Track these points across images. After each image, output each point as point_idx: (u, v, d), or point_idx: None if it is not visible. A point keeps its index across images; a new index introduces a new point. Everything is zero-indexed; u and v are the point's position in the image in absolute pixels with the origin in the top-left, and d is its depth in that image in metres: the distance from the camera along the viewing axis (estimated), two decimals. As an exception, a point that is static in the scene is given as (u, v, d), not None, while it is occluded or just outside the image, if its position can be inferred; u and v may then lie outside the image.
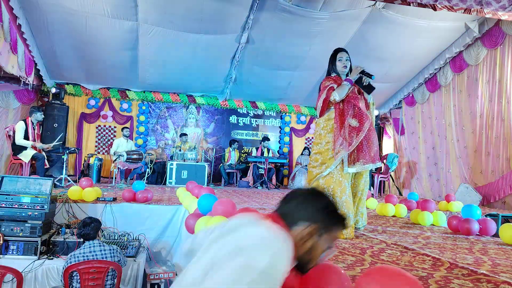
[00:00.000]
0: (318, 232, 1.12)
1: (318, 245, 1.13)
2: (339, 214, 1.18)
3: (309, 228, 1.10)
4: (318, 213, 1.13)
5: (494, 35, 6.24)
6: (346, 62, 3.00)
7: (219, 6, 5.84)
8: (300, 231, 1.10)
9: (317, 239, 1.12)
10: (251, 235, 1.03)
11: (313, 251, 1.12)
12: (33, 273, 3.31)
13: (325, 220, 1.14)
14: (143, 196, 4.41)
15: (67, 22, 6.00)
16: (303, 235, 1.10)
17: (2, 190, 3.47)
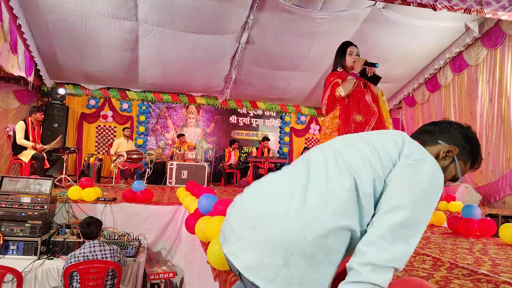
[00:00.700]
0: (457, 155, 1.16)
1: (450, 169, 1.17)
2: (480, 152, 1.20)
3: (449, 148, 1.15)
4: (463, 140, 1.17)
5: (494, 35, 6.24)
6: (357, 57, 2.84)
7: (219, 6, 5.84)
8: (440, 148, 1.16)
9: (452, 162, 1.16)
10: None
11: (445, 172, 1.14)
12: (33, 273, 3.31)
13: (467, 148, 1.17)
14: (143, 196, 4.41)
15: (67, 22, 6.00)
16: (441, 152, 1.15)
17: (2, 190, 3.47)
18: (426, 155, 1.02)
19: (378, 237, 0.90)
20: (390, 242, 0.89)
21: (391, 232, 0.90)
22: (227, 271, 1.68)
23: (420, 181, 0.96)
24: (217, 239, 1.76)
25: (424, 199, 0.95)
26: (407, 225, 0.91)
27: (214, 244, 1.72)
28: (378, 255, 0.88)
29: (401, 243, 0.89)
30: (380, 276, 0.87)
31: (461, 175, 1.18)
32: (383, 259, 0.88)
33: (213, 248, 1.70)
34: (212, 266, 1.79)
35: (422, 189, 0.95)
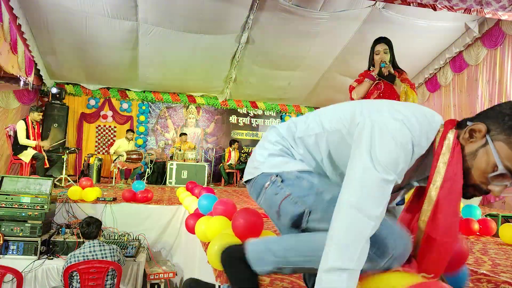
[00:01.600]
0: (490, 135, 0.91)
1: (481, 154, 0.93)
2: None
3: (473, 126, 0.93)
4: (500, 115, 0.91)
5: (494, 35, 6.24)
6: (385, 56, 2.71)
7: (219, 6, 5.84)
8: (466, 128, 0.95)
9: (484, 144, 0.92)
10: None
11: (476, 159, 0.93)
12: (33, 273, 3.31)
13: (504, 121, 0.90)
14: (143, 196, 4.41)
15: (67, 22, 6.00)
16: (464, 132, 0.96)
17: (2, 190, 3.47)
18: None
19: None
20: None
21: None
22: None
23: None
24: (217, 239, 1.76)
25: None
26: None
27: (214, 244, 1.72)
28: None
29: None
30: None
31: (500, 162, 0.89)
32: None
33: (213, 248, 1.70)
34: (213, 266, 1.79)
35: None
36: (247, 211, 1.79)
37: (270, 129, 1.25)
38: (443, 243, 0.97)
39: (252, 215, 1.77)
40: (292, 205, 1.08)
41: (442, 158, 0.96)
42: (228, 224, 2.01)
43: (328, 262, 0.88)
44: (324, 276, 0.88)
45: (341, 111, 1.11)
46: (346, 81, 7.85)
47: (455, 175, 0.95)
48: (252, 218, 1.76)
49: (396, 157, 0.92)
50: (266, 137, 1.23)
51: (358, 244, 0.87)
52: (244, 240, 1.73)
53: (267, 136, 1.24)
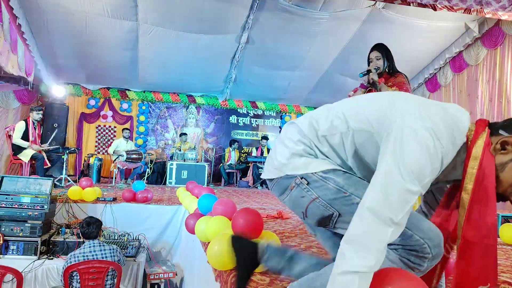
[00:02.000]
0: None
1: (510, 166, 0.95)
2: None
3: (507, 138, 0.95)
4: None
5: (494, 35, 6.24)
6: (378, 62, 2.77)
7: (219, 6, 5.84)
8: (497, 139, 0.96)
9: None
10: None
11: (504, 171, 0.95)
12: (33, 273, 3.31)
13: None
14: (143, 196, 4.41)
15: (67, 22, 6.00)
16: (495, 143, 0.96)
17: (2, 190, 3.47)
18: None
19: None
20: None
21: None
22: (228, 271, 1.68)
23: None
24: (217, 239, 1.76)
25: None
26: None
27: (214, 244, 1.72)
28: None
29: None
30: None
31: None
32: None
33: (213, 248, 1.70)
34: (213, 266, 1.79)
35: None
36: (247, 211, 1.79)
37: (289, 125, 1.21)
38: (484, 246, 0.97)
39: (252, 215, 1.77)
40: (319, 208, 1.07)
41: (472, 163, 0.96)
42: (228, 224, 2.01)
43: (343, 265, 0.87)
44: (338, 277, 0.86)
45: (368, 107, 1.06)
46: (346, 81, 7.86)
47: (489, 179, 0.95)
48: (252, 218, 1.76)
49: (424, 168, 0.90)
50: (286, 134, 1.20)
51: (374, 249, 0.86)
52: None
53: (286, 132, 1.20)
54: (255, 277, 1.58)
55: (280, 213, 3.55)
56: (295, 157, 1.12)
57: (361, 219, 0.90)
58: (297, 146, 1.13)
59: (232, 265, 1.64)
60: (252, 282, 1.51)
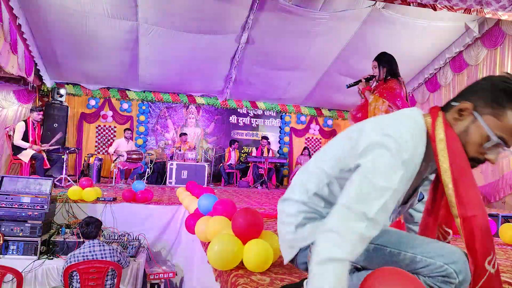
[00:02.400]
0: (478, 110, 0.99)
1: (473, 130, 1.00)
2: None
3: (460, 105, 1.00)
4: (486, 90, 0.99)
5: (494, 35, 6.24)
6: (374, 71, 3.08)
7: (219, 6, 5.84)
8: (453, 111, 1.02)
9: (473, 121, 1.00)
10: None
11: (468, 135, 1.01)
12: (33, 273, 3.31)
13: (494, 96, 0.97)
14: (143, 196, 4.41)
15: (67, 22, 6.00)
16: (452, 114, 1.02)
17: (2, 190, 3.47)
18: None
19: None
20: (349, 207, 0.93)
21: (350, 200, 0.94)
22: (228, 272, 1.68)
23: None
24: (217, 239, 1.76)
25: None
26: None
27: (214, 244, 1.72)
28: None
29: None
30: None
31: (492, 133, 0.97)
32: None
33: (213, 248, 1.70)
34: (213, 266, 1.79)
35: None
36: (247, 211, 1.79)
37: (282, 203, 1.25)
38: (481, 216, 0.99)
39: (252, 215, 1.77)
40: None
41: (440, 145, 1.01)
42: (228, 224, 2.01)
43: (318, 254, 0.89)
44: (314, 268, 0.88)
45: (334, 151, 1.13)
46: (346, 81, 7.84)
47: (458, 152, 1.00)
48: (252, 218, 1.76)
49: (392, 166, 0.94)
50: (284, 211, 1.22)
51: (348, 239, 0.88)
52: (244, 240, 1.74)
53: (283, 211, 1.23)
54: (255, 277, 1.58)
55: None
56: (301, 228, 1.15)
57: (336, 214, 0.93)
58: (298, 217, 1.16)
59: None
60: (252, 282, 1.51)
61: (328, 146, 1.19)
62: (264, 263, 1.63)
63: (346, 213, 0.91)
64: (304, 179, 1.20)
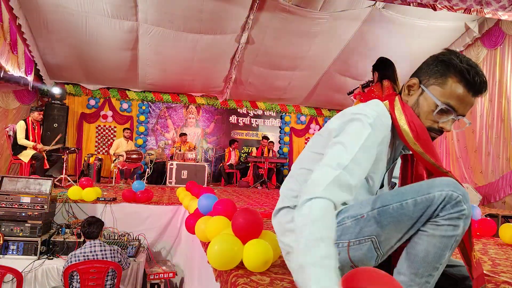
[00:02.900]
0: (423, 83, 1.10)
1: (422, 102, 1.10)
2: (466, 63, 1.05)
3: (408, 82, 1.12)
4: (428, 64, 1.11)
5: (494, 35, 6.24)
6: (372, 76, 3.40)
7: (219, 6, 5.84)
8: (403, 89, 1.15)
9: (421, 93, 1.11)
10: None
11: (419, 106, 1.11)
12: (33, 273, 3.31)
13: (435, 69, 1.08)
14: (143, 196, 4.41)
15: (67, 22, 6.00)
16: (405, 90, 1.14)
17: (2, 190, 3.47)
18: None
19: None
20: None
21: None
22: (228, 272, 1.68)
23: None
24: (217, 239, 1.76)
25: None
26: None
27: (214, 244, 1.72)
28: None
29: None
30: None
31: (438, 101, 1.06)
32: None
33: (213, 248, 1.70)
34: (213, 266, 1.79)
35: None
36: (246, 211, 1.79)
37: (276, 215, 1.27)
38: (452, 173, 1.09)
39: (252, 215, 1.77)
40: (359, 249, 1.04)
41: (400, 121, 1.10)
42: (228, 224, 2.01)
43: (301, 199, 0.94)
44: (296, 212, 0.94)
45: (312, 148, 1.22)
46: (346, 81, 7.86)
47: (417, 124, 1.10)
48: (252, 218, 1.76)
49: (359, 131, 1.04)
50: (281, 222, 1.25)
51: (326, 181, 0.95)
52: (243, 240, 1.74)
53: (280, 221, 1.25)
54: (255, 277, 1.58)
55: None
56: (292, 227, 1.16)
57: (316, 171, 1.00)
58: (293, 225, 1.16)
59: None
60: (252, 282, 1.51)
61: (303, 150, 1.27)
62: (264, 263, 1.63)
63: (322, 168, 0.99)
64: (290, 186, 1.24)
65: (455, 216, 0.94)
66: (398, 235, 0.99)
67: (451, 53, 1.08)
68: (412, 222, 0.97)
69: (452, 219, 0.94)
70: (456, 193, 0.93)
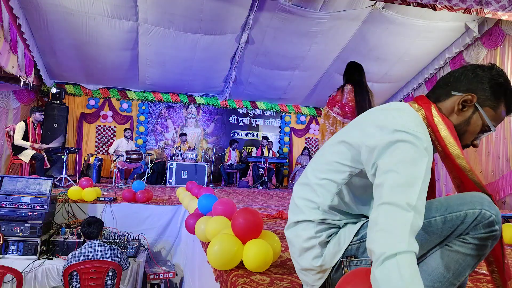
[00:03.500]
0: (479, 102, 1.04)
1: (474, 120, 1.05)
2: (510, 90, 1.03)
3: (464, 97, 1.04)
4: (484, 83, 1.04)
5: (494, 35, 6.24)
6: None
7: (219, 6, 5.84)
8: (454, 101, 1.05)
9: (475, 111, 1.04)
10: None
11: (470, 125, 1.05)
12: (33, 273, 3.31)
13: (491, 91, 1.03)
14: (143, 196, 4.41)
15: (67, 22, 6.00)
16: (456, 104, 1.05)
17: (2, 190, 3.47)
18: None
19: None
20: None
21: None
22: (228, 272, 1.68)
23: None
24: (217, 239, 1.76)
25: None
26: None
27: (214, 244, 1.72)
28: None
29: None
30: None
31: (491, 124, 1.04)
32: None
33: (213, 248, 1.70)
34: (213, 266, 1.79)
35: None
36: (246, 211, 1.79)
37: (293, 228, 1.15)
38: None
39: (252, 215, 1.77)
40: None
41: (443, 132, 1.02)
42: (228, 224, 2.01)
43: (379, 257, 0.78)
44: (378, 271, 0.77)
45: (333, 157, 1.09)
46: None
47: (456, 140, 1.04)
48: (251, 218, 1.76)
49: (415, 156, 0.91)
50: (299, 237, 1.12)
51: (400, 232, 0.80)
52: (243, 240, 1.74)
53: (299, 235, 1.13)
54: (255, 277, 1.58)
55: (280, 213, 3.55)
56: (325, 248, 1.09)
57: (381, 214, 0.85)
58: (319, 238, 1.09)
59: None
60: (252, 282, 1.51)
61: (321, 156, 1.15)
62: (264, 263, 1.63)
63: (390, 209, 0.84)
64: (309, 197, 1.13)
65: (485, 237, 0.91)
66: (423, 251, 0.96)
67: (503, 75, 1.05)
68: (439, 240, 0.94)
69: (481, 239, 0.92)
70: (489, 213, 0.90)
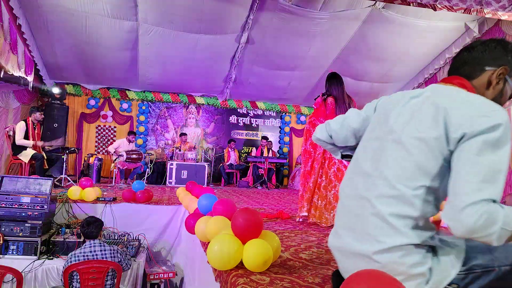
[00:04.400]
0: (508, 75, 1.11)
1: (506, 91, 1.12)
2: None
3: (500, 70, 1.10)
4: (506, 55, 1.11)
5: (494, 35, 6.24)
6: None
7: (219, 6, 5.84)
8: (489, 75, 1.10)
9: (505, 83, 1.12)
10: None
11: (503, 96, 1.12)
12: (33, 273, 3.31)
13: (509, 59, 1.11)
14: (143, 196, 4.41)
15: (67, 22, 6.00)
16: (494, 78, 1.10)
17: (2, 190, 3.47)
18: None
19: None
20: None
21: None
22: (228, 272, 1.68)
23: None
24: (217, 239, 1.76)
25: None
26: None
27: (214, 244, 1.72)
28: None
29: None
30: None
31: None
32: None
33: (213, 248, 1.70)
34: (213, 266, 1.79)
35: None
36: (246, 211, 1.79)
37: (383, 254, 0.99)
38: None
39: (252, 215, 1.77)
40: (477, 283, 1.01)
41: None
42: (228, 224, 2.01)
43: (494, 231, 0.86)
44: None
45: (414, 158, 1.01)
46: (346, 81, 7.79)
47: None
48: (251, 218, 1.76)
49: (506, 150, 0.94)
50: (403, 264, 0.98)
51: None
52: (243, 240, 1.74)
53: (401, 261, 0.98)
54: (255, 276, 1.58)
55: (280, 213, 3.55)
56: (429, 277, 0.99)
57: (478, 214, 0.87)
58: (422, 267, 0.99)
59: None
60: (252, 282, 1.51)
61: (395, 161, 1.04)
62: (264, 263, 1.63)
63: (493, 206, 0.88)
64: (404, 212, 0.97)
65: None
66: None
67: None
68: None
69: None
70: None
